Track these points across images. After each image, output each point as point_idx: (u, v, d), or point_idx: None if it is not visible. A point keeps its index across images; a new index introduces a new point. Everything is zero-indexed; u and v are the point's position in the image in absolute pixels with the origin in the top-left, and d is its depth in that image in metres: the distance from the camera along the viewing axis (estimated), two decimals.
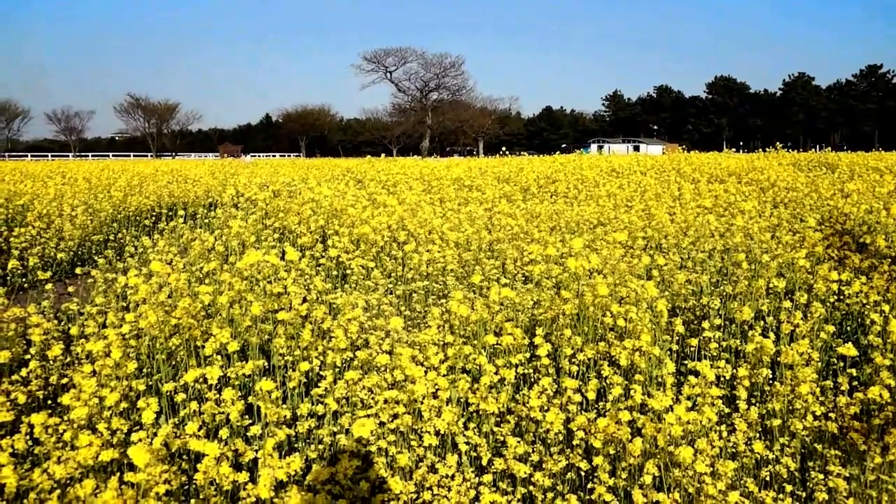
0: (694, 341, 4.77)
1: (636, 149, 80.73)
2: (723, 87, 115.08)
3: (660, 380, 4.25)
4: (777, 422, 4.02)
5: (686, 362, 4.63)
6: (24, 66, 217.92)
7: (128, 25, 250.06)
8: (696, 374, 3.97)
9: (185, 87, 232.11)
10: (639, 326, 4.39)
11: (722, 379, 4.42)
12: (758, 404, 4.17)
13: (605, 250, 6.87)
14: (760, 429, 4.07)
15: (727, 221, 8.38)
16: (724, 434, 3.87)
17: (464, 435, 3.82)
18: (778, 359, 4.37)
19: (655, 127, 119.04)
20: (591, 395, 4.00)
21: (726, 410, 4.14)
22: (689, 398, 3.77)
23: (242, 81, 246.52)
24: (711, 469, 3.36)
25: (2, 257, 9.17)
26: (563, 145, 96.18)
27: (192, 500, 3.13)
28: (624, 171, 17.28)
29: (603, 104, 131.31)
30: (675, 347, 4.81)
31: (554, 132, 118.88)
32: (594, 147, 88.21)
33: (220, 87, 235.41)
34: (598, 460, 3.50)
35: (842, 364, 4.57)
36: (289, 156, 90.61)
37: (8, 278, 6.96)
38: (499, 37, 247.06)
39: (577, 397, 3.87)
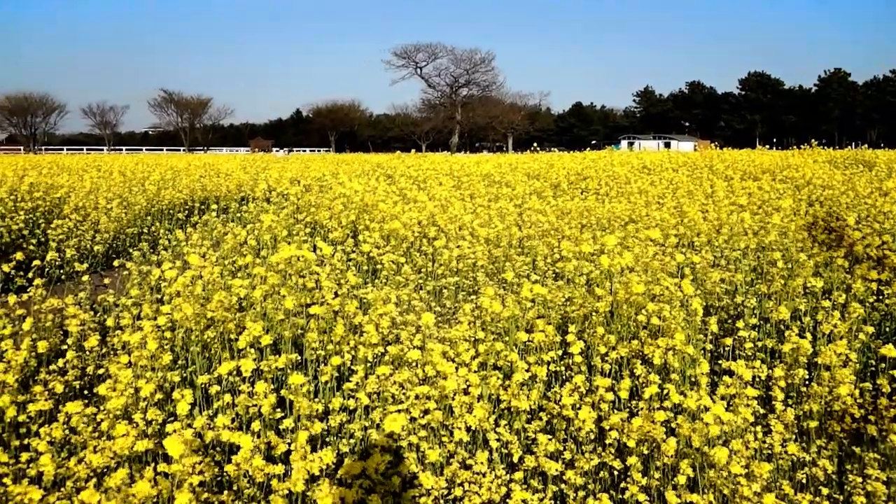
0: (728, 341, 4.71)
1: (667, 145, 79.97)
2: (756, 83, 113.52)
3: (693, 379, 4.21)
4: (814, 423, 3.96)
5: (720, 362, 4.57)
6: (61, 62, 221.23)
7: (162, 21, 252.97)
8: (731, 373, 3.92)
9: (218, 82, 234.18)
10: (672, 325, 4.34)
11: (757, 379, 4.37)
12: (794, 405, 4.12)
13: (636, 248, 6.81)
14: (797, 430, 4.01)
15: (761, 219, 8.27)
16: (760, 435, 3.82)
17: (495, 432, 3.81)
18: (815, 359, 4.31)
19: (687, 123, 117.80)
20: (624, 394, 3.96)
21: (762, 411, 4.09)
22: (723, 398, 3.73)
23: (274, 76, 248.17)
24: (747, 470, 3.31)
25: (40, 249, 9.32)
26: (594, 142, 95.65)
27: (225, 492, 3.15)
28: (655, 167, 17.12)
29: (634, 100, 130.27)
30: (709, 347, 4.75)
31: (584, 128, 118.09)
32: (624, 143, 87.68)
33: (252, 82, 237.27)
34: (631, 460, 3.48)
35: (883, 365, 4.48)
36: (319, 151, 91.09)
37: (46, 270, 7.07)
38: (529, 32, 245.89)
39: (610, 396, 3.84)
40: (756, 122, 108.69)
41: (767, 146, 26.66)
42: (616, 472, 3.67)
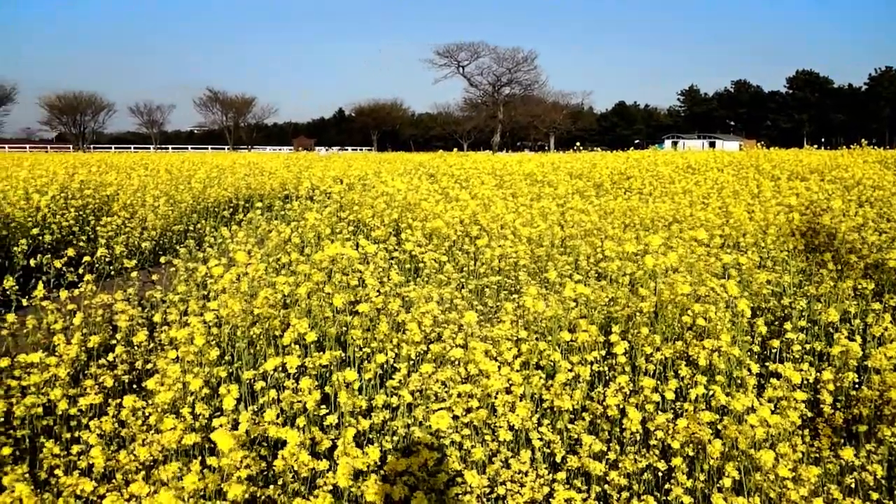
0: (776, 343, 4.64)
1: (712, 145, 78.91)
2: (804, 82, 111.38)
3: (739, 381, 4.15)
4: (863, 427, 3.88)
5: (767, 364, 4.50)
6: (110, 62, 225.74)
7: (209, 22, 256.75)
8: (778, 376, 3.86)
9: (262, 81, 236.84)
10: (718, 326, 4.29)
11: (805, 382, 4.29)
12: (843, 409, 4.04)
13: (680, 248, 6.74)
14: (845, 434, 3.94)
15: (808, 220, 8.13)
16: (808, 438, 3.75)
17: (538, 431, 3.80)
18: (865, 363, 4.22)
19: (732, 123, 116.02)
20: (670, 395, 3.93)
21: (809, 414, 4.02)
22: (770, 400, 3.67)
23: (317, 75, 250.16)
24: (794, 474, 3.26)
25: (90, 245, 9.52)
26: (636, 141, 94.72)
27: (271, 486, 3.19)
28: (700, 167, 16.91)
29: (678, 99, 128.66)
30: (755, 349, 4.69)
31: (627, 128, 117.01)
32: (668, 143, 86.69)
33: (295, 81, 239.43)
34: (676, 461, 3.44)
35: None
36: (361, 150, 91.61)
37: (95, 266, 7.22)
38: (572, 30, 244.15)
39: (656, 397, 3.81)
40: (803, 122, 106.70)
41: (815, 146, 26.15)
42: (660, 474, 3.64)
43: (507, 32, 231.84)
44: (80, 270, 6.53)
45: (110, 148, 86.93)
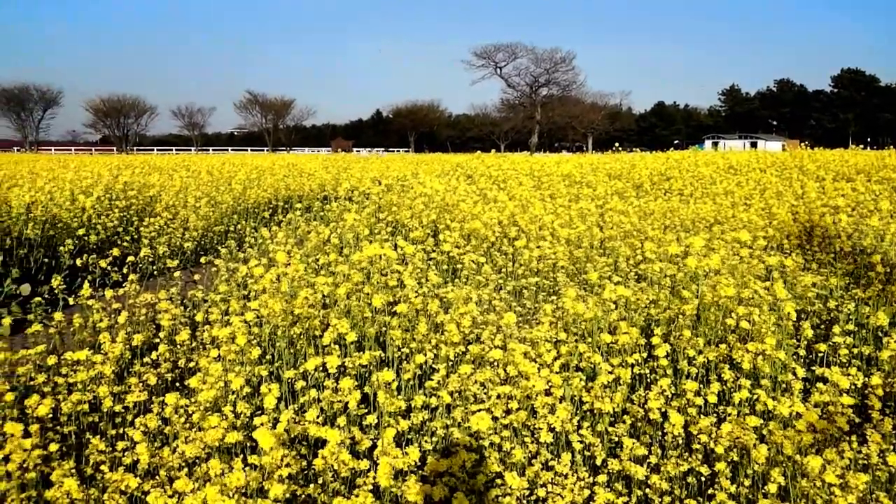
0: (823, 346, 4.55)
1: (753, 145, 77.71)
2: (850, 81, 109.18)
3: (785, 385, 4.08)
4: None
5: (813, 368, 4.42)
6: (152, 66, 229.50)
7: (248, 25, 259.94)
8: (825, 380, 3.79)
9: (300, 83, 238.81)
10: (763, 329, 4.22)
11: (853, 387, 4.20)
12: (892, 415, 3.94)
13: (722, 250, 6.65)
14: (895, 441, 3.84)
15: (855, 222, 7.96)
16: (855, 445, 3.67)
17: (578, 434, 3.77)
18: None
19: (775, 122, 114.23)
20: (713, 399, 3.87)
21: (857, 420, 3.93)
22: (817, 405, 3.60)
23: (355, 77, 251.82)
24: (841, 481, 3.19)
25: (133, 245, 9.68)
26: (676, 142, 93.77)
27: (311, 485, 3.21)
28: (742, 167, 16.66)
29: (719, 99, 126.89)
30: (801, 353, 4.60)
31: (666, 128, 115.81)
32: (708, 143, 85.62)
33: (334, 83, 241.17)
34: (719, 466, 3.39)
35: None
36: (398, 151, 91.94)
37: (139, 265, 7.34)
38: (611, 30, 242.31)
39: (698, 400, 3.76)
40: (849, 121, 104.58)
41: (861, 146, 25.62)
42: (703, 479, 3.59)
43: (545, 33, 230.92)
44: (125, 270, 6.65)
45: (153, 150, 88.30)
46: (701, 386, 3.93)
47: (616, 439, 3.80)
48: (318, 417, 3.48)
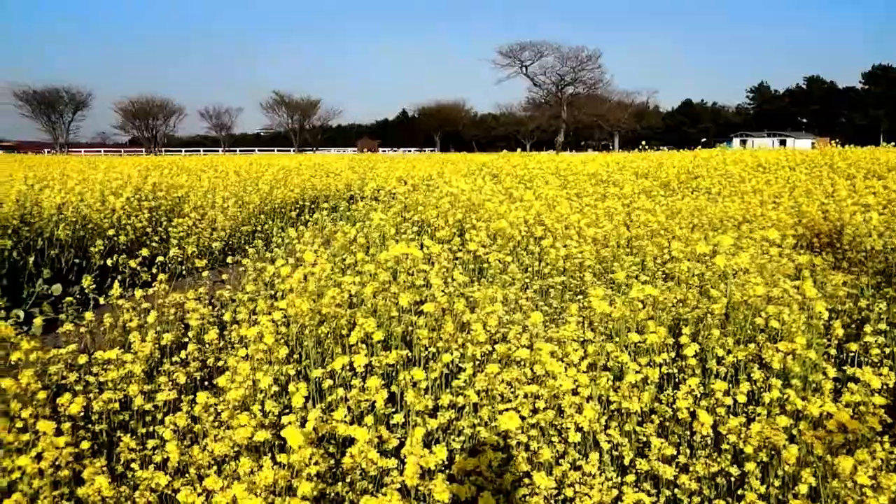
0: (854, 346, 4.49)
1: (782, 143, 76.96)
2: (881, 77, 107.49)
3: (815, 385, 4.03)
4: None
5: (844, 368, 4.36)
6: (179, 68, 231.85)
7: (274, 26, 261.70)
8: (856, 380, 3.74)
9: (326, 84, 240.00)
10: (793, 328, 4.17)
11: (885, 387, 4.14)
12: None
13: (751, 248, 6.58)
14: None
15: (886, 220, 7.85)
16: (888, 445, 3.62)
17: (605, 433, 3.75)
18: None
19: (804, 120, 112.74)
20: (742, 398, 3.83)
21: (889, 420, 3.87)
22: (848, 405, 3.56)
23: (381, 77, 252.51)
24: (874, 481, 3.15)
25: (162, 245, 9.79)
26: (703, 140, 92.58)
27: (339, 484, 3.23)
28: (771, 166, 16.48)
29: (747, 96, 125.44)
30: (832, 352, 4.54)
31: (693, 126, 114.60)
32: (737, 141, 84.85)
33: (359, 83, 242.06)
34: (749, 466, 3.36)
35: None
36: (424, 150, 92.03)
37: (168, 265, 7.42)
38: (638, 28, 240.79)
39: (728, 400, 3.72)
40: (880, 118, 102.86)
41: (893, 143, 25.19)
42: (732, 479, 3.55)
43: (571, 31, 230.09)
44: (154, 270, 6.72)
45: (181, 151, 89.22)
46: (730, 385, 3.90)
47: (644, 439, 3.78)
48: (345, 416, 3.49)
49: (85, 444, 3.54)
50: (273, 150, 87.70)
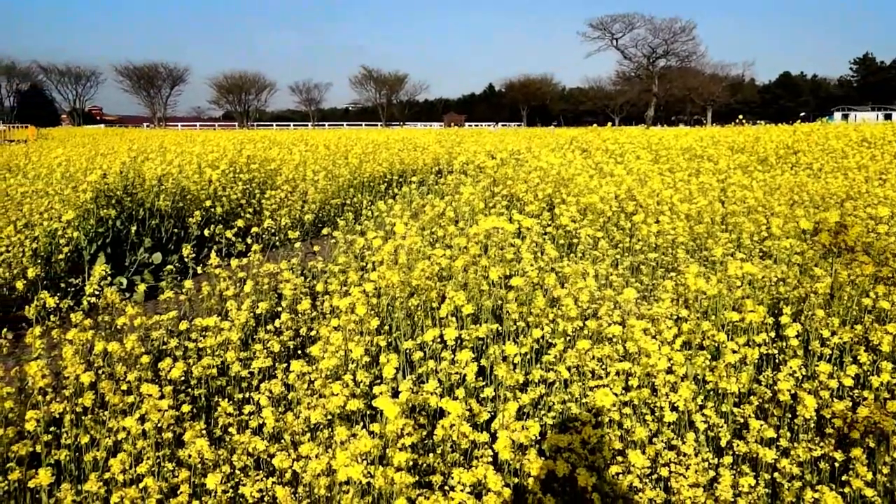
0: None
1: (888, 117, 73.12)
2: None
3: None
4: None
5: None
6: (272, 43, 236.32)
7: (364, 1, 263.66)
8: None
9: (414, 59, 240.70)
10: None
11: None
12: None
13: (857, 226, 6.28)
14: None
15: None
16: None
17: (701, 413, 3.65)
18: None
19: None
20: (848, 382, 3.66)
21: None
22: None
23: (467, 52, 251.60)
24: None
25: (255, 217, 10.02)
26: (802, 114, 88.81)
27: (430, 455, 3.24)
28: (877, 140, 15.68)
29: (850, 68, 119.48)
30: None
31: (791, 100, 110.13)
32: (838, 115, 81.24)
33: (446, 57, 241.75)
34: (855, 452, 3.22)
35: None
36: (510, 125, 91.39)
37: (262, 236, 7.59)
38: None
39: (832, 383, 3.57)
40: None
41: None
42: (836, 464, 3.41)
43: (663, 2, 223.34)
44: (248, 240, 6.88)
45: (272, 125, 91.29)
46: (835, 368, 3.73)
47: (742, 421, 3.66)
48: (436, 388, 3.50)
49: (185, 408, 3.66)
50: (361, 125, 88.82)
